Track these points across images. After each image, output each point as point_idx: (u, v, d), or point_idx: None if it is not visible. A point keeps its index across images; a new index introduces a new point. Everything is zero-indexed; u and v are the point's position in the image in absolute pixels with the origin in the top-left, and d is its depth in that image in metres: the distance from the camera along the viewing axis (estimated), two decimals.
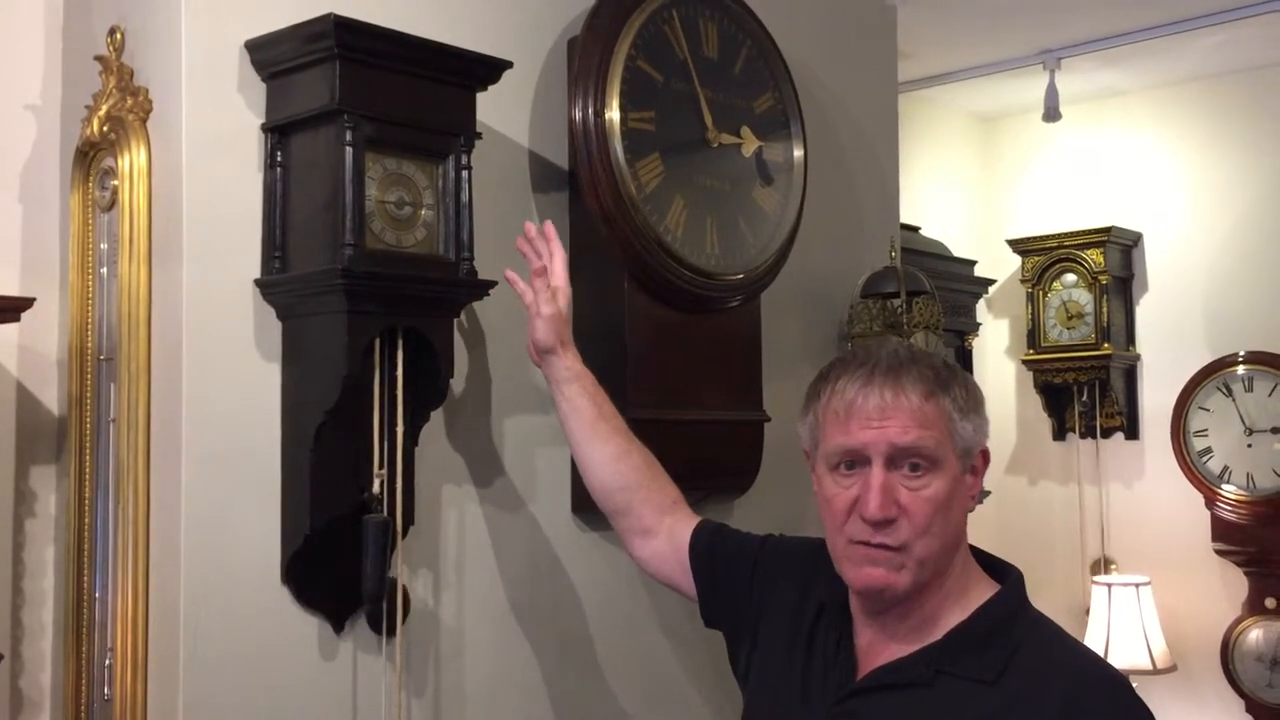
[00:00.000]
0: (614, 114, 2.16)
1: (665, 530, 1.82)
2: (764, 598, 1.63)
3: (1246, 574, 4.14)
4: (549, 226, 1.97)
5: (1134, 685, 1.39)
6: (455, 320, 1.95)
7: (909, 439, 1.37)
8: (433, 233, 1.87)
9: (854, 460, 1.41)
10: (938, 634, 1.40)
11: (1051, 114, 4.08)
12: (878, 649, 1.45)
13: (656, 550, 1.83)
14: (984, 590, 1.44)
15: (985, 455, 1.45)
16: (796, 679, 1.51)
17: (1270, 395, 4.12)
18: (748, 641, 1.64)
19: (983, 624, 1.40)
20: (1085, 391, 4.53)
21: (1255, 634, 4.06)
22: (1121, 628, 4.13)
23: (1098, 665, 1.41)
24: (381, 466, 1.86)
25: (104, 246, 1.92)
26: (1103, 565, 4.55)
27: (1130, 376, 4.58)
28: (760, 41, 2.47)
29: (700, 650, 2.45)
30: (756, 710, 1.60)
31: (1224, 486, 4.15)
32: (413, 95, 1.83)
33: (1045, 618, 1.45)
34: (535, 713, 2.18)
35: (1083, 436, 4.60)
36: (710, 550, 1.76)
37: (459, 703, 2.07)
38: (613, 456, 1.86)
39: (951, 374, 1.43)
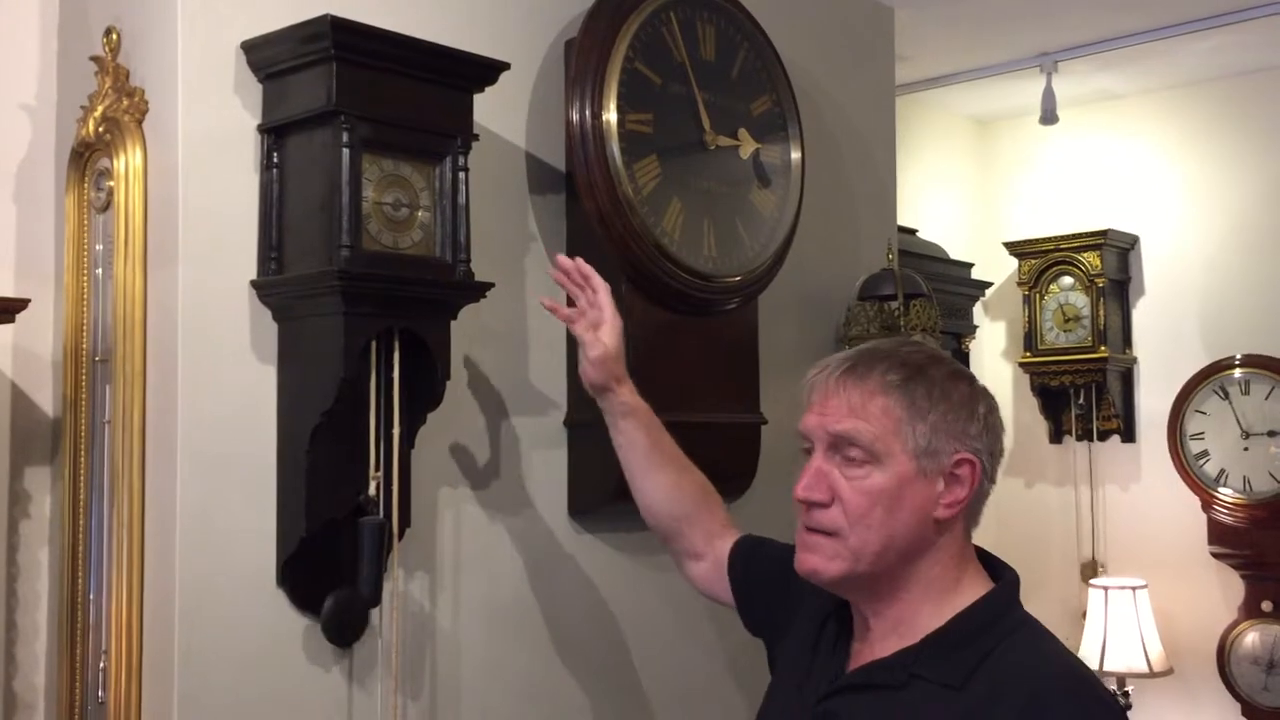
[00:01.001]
0: (611, 116, 2.16)
1: (713, 552, 1.84)
2: (794, 611, 1.63)
3: (1243, 577, 4.13)
4: (583, 264, 1.90)
5: (1105, 684, 1.35)
6: (452, 322, 1.95)
7: (842, 427, 1.39)
8: (429, 234, 1.86)
9: (807, 446, 1.44)
10: (917, 636, 1.40)
11: (1048, 117, 4.08)
12: (867, 648, 1.45)
13: (704, 572, 1.86)
14: (975, 593, 1.42)
15: (972, 466, 1.40)
16: (801, 677, 1.52)
17: (1267, 398, 4.12)
18: (781, 650, 1.65)
19: (961, 628, 1.39)
20: (1082, 394, 4.53)
21: (1251, 637, 4.05)
22: (1118, 631, 4.13)
23: (1062, 665, 1.38)
24: (378, 469, 1.86)
25: (99, 247, 1.92)
26: (1093, 568, 4.55)
27: (1127, 379, 4.58)
28: (758, 44, 2.47)
29: (696, 651, 2.45)
30: (764, 707, 1.60)
31: (1220, 490, 4.15)
32: (410, 96, 1.82)
33: (1033, 622, 1.43)
34: (531, 715, 2.18)
35: (1079, 439, 4.59)
36: (746, 564, 1.78)
37: (454, 705, 2.06)
38: (666, 486, 1.88)
39: (922, 377, 1.40)
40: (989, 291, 4.48)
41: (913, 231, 3.96)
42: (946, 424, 1.39)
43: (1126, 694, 4.07)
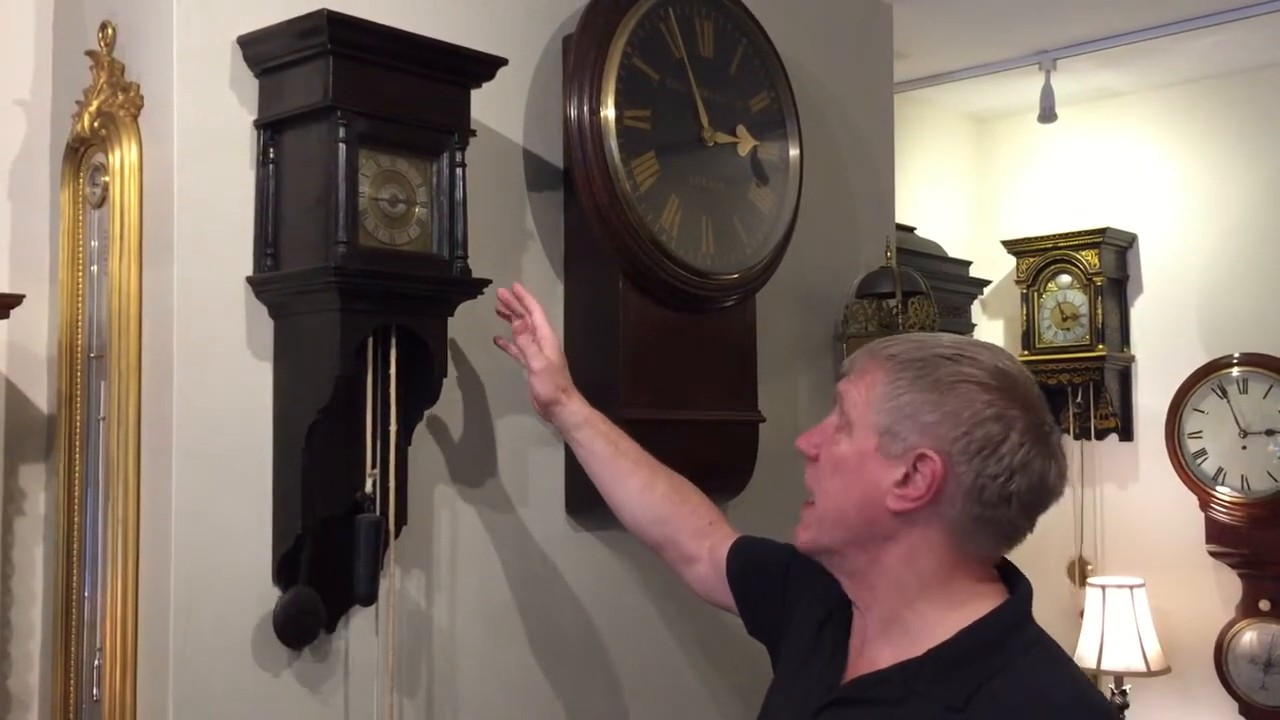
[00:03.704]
0: (609, 112, 2.15)
1: (707, 554, 1.80)
2: (792, 608, 1.60)
3: (1240, 576, 4.13)
4: (518, 287, 2.00)
5: (1106, 694, 1.31)
6: (449, 319, 1.94)
7: (840, 388, 1.42)
8: (426, 231, 1.85)
9: None
10: (920, 648, 1.33)
11: (1047, 115, 4.08)
12: (866, 653, 1.41)
13: (702, 576, 1.82)
14: (986, 603, 1.35)
15: (933, 466, 1.31)
16: (799, 682, 1.49)
17: (1265, 397, 4.12)
18: (780, 652, 1.62)
19: (967, 643, 1.32)
20: (1080, 393, 4.53)
21: (1249, 636, 4.05)
22: (1115, 630, 4.12)
23: (1073, 694, 1.30)
24: (374, 466, 1.85)
25: (94, 243, 1.91)
26: (1079, 568, 4.55)
27: (1125, 378, 4.58)
28: (756, 40, 2.46)
29: (694, 649, 2.45)
30: (763, 713, 1.57)
31: (1218, 488, 4.15)
32: (407, 92, 1.81)
33: (1044, 638, 1.36)
34: (528, 713, 2.17)
35: (1077, 438, 4.59)
36: (744, 566, 1.75)
37: (451, 704, 2.05)
38: (638, 491, 1.87)
39: (929, 365, 1.34)
40: (987, 290, 4.48)
41: (911, 229, 3.96)
42: (917, 410, 1.32)
43: (1124, 693, 4.07)
